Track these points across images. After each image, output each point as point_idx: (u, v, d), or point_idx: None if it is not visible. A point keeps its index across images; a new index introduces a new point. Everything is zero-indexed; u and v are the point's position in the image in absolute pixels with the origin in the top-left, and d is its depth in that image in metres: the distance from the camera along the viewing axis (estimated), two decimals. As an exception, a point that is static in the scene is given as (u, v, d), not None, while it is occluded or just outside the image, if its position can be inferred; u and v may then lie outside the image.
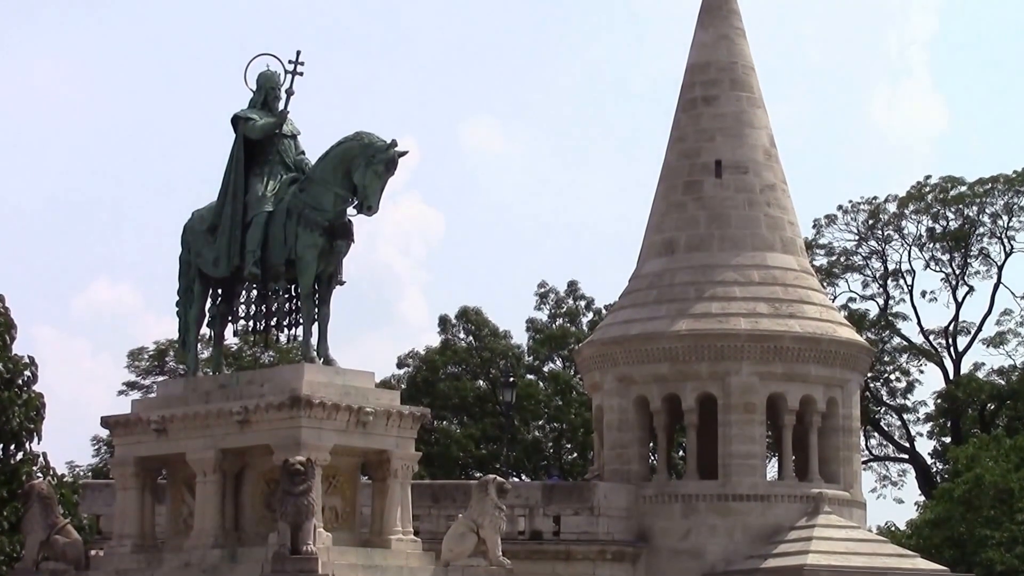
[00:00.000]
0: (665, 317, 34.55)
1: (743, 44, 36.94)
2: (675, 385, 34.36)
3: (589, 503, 33.53)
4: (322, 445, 18.48)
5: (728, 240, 35.18)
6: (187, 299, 20.44)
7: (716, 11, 36.98)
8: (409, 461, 19.58)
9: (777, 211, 35.81)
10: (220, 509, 19.13)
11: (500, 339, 53.91)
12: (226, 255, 19.83)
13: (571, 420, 52.13)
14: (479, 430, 52.31)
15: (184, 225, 20.51)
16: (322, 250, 19.27)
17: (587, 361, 36.42)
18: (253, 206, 19.77)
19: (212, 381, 19.96)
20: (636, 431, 35.08)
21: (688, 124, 36.40)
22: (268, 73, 20.26)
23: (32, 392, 24.01)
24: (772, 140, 36.61)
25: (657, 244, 35.92)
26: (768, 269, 35.06)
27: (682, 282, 34.93)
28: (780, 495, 33.86)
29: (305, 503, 17.62)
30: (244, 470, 19.34)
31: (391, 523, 19.42)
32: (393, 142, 19.19)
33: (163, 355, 51.58)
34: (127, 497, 20.08)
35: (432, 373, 52.83)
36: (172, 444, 19.48)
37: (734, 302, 34.44)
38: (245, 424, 18.79)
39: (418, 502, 23.32)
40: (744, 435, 33.76)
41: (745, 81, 36.59)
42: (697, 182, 35.74)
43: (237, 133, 20.12)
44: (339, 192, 19.29)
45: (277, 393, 18.64)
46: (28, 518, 18.88)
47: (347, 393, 18.90)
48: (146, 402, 21.32)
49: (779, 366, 34.02)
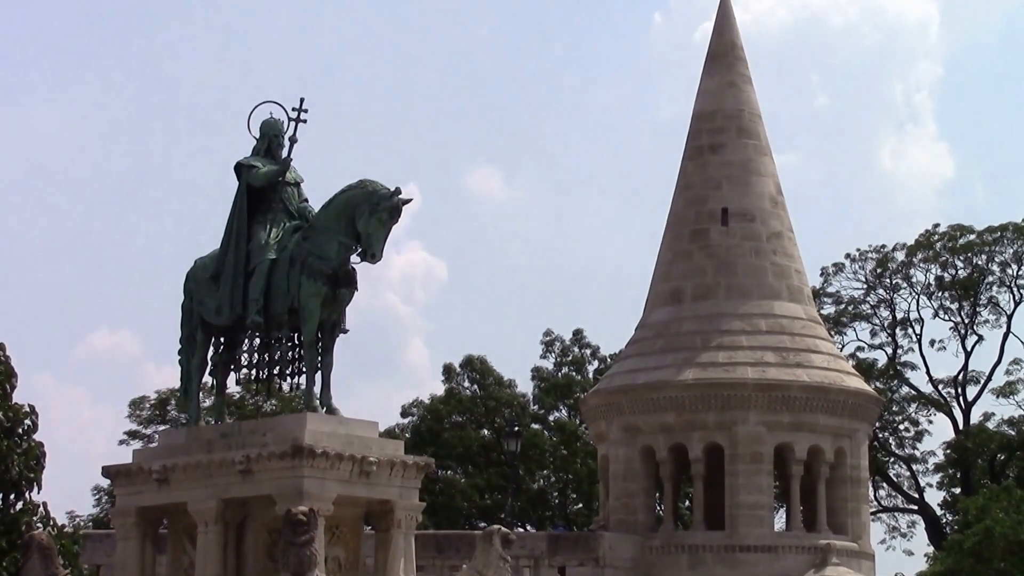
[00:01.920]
0: (672, 366, 34.54)
1: (749, 91, 37.08)
2: (682, 435, 34.32)
3: (595, 554, 33.45)
4: (325, 495, 18.44)
5: (735, 289, 35.20)
6: (189, 347, 20.44)
7: (722, 59, 37.14)
8: (413, 511, 19.54)
9: (784, 259, 35.84)
10: (222, 560, 19.08)
11: (505, 388, 53.88)
12: (228, 303, 19.84)
13: (577, 470, 52.03)
14: (484, 480, 52.20)
15: (187, 273, 20.54)
16: (325, 298, 19.27)
17: (593, 410, 36.39)
18: (256, 254, 19.80)
19: (214, 430, 19.94)
20: (642, 481, 35.01)
21: (694, 172, 36.49)
22: (272, 120, 20.32)
23: (32, 441, 23.97)
24: (779, 188, 36.68)
25: (663, 293, 35.95)
26: (775, 318, 35.07)
27: (689, 331, 34.93)
28: (788, 546, 33.77)
29: (308, 554, 17.56)
30: (246, 520, 19.30)
31: (395, 574, 19.37)
32: (397, 190, 19.23)
33: (164, 404, 51.54)
34: (128, 547, 20.03)
35: (436, 422, 52.77)
36: (173, 494, 19.45)
37: (741, 351, 34.43)
38: (247, 474, 18.76)
39: (422, 553, 23.28)
40: (751, 485, 33.69)
41: (752, 129, 36.71)
42: (704, 230, 35.80)
43: (240, 181, 20.17)
44: (343, 240, 19.31)
45: (279, 442, 18.62)
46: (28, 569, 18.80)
47: (350, 443, 18.88)
48: (147, 451, 21.30)
49: (787, 415, 33.99)
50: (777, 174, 37.01)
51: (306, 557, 17.56)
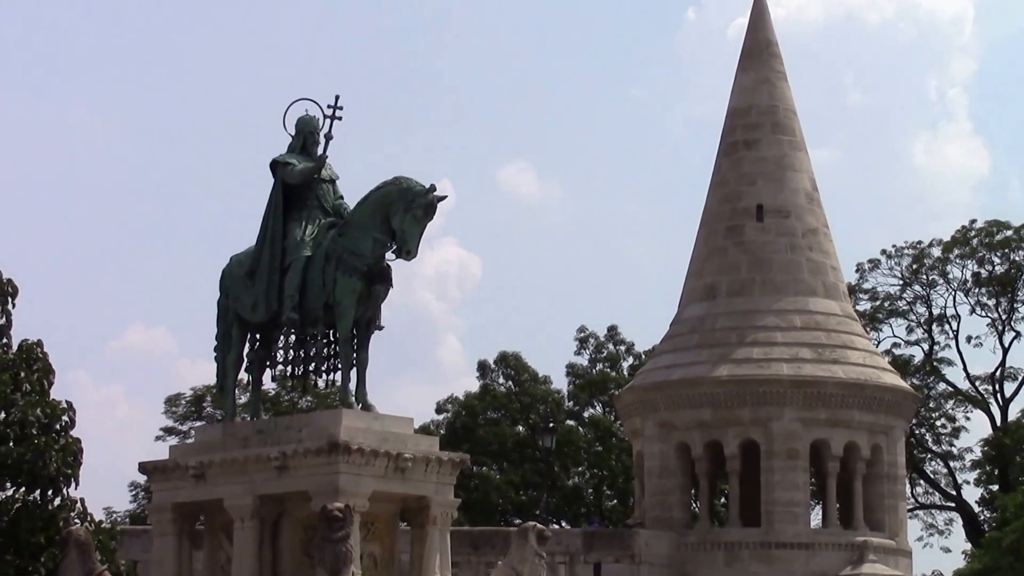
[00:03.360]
0: (707, 362, 34.49)
1: (784, 88, 36.99)
2: (717, 431, 34.28)
3: (630, 550, 33.43)
4: (360, 491, 18.46)
5: (770, 285, 35.14)
6: (225, 344, 20.48)
7: (757, 55, 37.08)
8: (448, 508, 19.55)
9: (819, 256, 35.75)
10: (258, 556, 19.13)
11: (540, 384, 53.87)
12: (264, 300, 19.88)
13: (611, 466, 51.99)
14: (519, 476, 52.21)
15: (223, 270, 20.58)
16: (361, 295, 19.28)
17: (628, 407, 36.38)
18: (291, 251, 19.83)
19: (250, 426, 19.99)
20: (678, 478, 34.98)
21: (729, 168, 36.43)
22: (307, 118, 20.35)
23: (69, 437, 24.08)
24: (814, 184, 36.60)
25: (698, 289, 35.90)
26: (810, 314, 34.99)
27: (723, 327, 34.89)
28: (824, 543, 33.70)
29: (343, 550, 17.59)
30: (282, 516, 19.35)
31: (430, 570, 19.38)
32: (432, 187, 19.24)
33: (200, 400, 51.74)
34: (164, 543, 20.11)
35: (471, 419, 52.80)
36: (210, 490, 19.51)
37: (776, 347, 34.37)
38: (283, 470, 18.79)
39: (457, 549, 23.29)
40: (787, 482, 33.63)
41: (787, 125, 36.64)
42: (738, 226, 35.74)
43: (276, 178, 20.21)
44: (378, 237, 19.32)
45: (315, 439, 18.65)
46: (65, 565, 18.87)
47: (386, 439, 18.89)
48: (184, 448, 21.36)
49: (822, 412, 33.91)
50: (812, 170, 36.92)
51: (342, 553, 17.59)
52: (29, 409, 23.62)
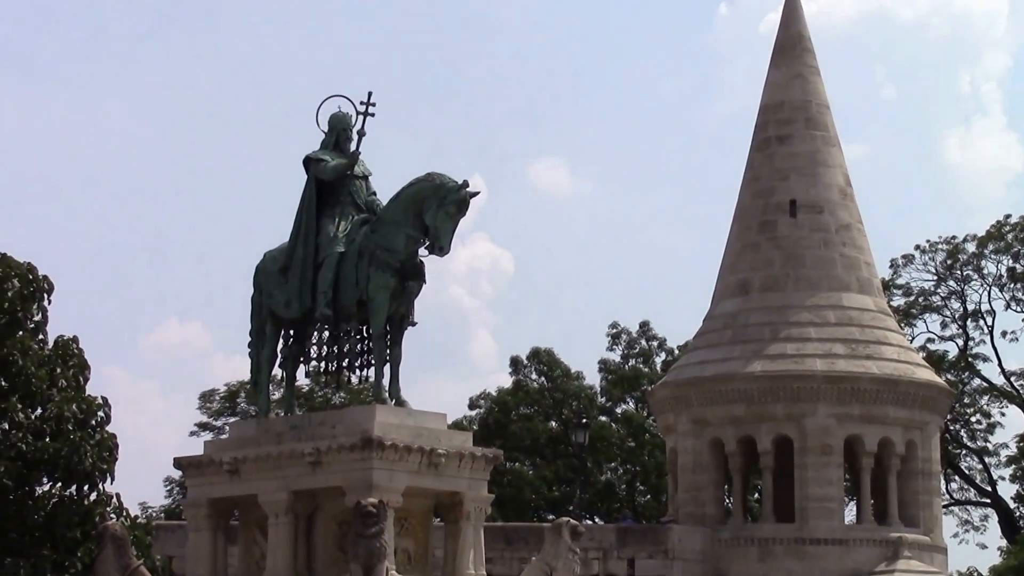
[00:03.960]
0: (740, 358, 34.46)
1: (817, 83, 36.90)
2: (750, 427, 34.24)
3: (664, 546, 33.42)
4: (394, 487, 18.49)
5: (803, 280, 35.07)
6: (259, 340, 20.53)
7: (790, 50, 37.00)
8: (482, 503, 19.56)
9: (853, 251, 35.67)
10: (292, 551, 19.18)
11: (572, 380, 53.87)
12: (297, 296, 19.92)
13: (644, 462, 51.96)
14: (551, 472, 52.22)
15: (256, 266, 20.63)
16: (394, 291, 19.30)
17: (661, 402, 36.36)
18: (324, 247, 19.86)
19: (284, 422, 20.04)
20: (711, 473, 34.96)
21: (762, 163, 36.37)
22: (340, 114, 20.37)
23: (105, 433, 24.20)
24: (847, 179, 36.51)
25: (731, 284, 35.86)
26: (844, 310, 34.91)
27: (757, 323, 34.84)
28: (859, 539, 33.64)
29: (377, 545, 17.62)
30: (316, 512, 19.40)
31: (464, 566, 19.40)
32: (465, 183, 19.23)
33: (234, 396, 51.92)
34: (200, 538, 20.18)
35: (504, 414, 52.83)
36: (244, 485, 19.56)
37: (810, 343, 34.30)
38: (317, 465, 18.84)
39: (491, 544, 23.30)
40: (821, 478, 33.56)
41: (819, 120, 36.55)
42: (771, 222, 35.69)
43: (309, 174, 20.24)
44: (411, 233, 19.33)
45: (349, 434, 18.69)
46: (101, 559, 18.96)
47: (419, 434, 18.92)
48: (218, 443, 21.42)
49: (856, 408, 33.84)
50: (846, 165, 36.84)
51: (376, 549, 17.63)
52: (65, 405, 23.75)
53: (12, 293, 23.68)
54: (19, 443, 23.23)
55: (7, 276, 23.74)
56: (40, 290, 24.21)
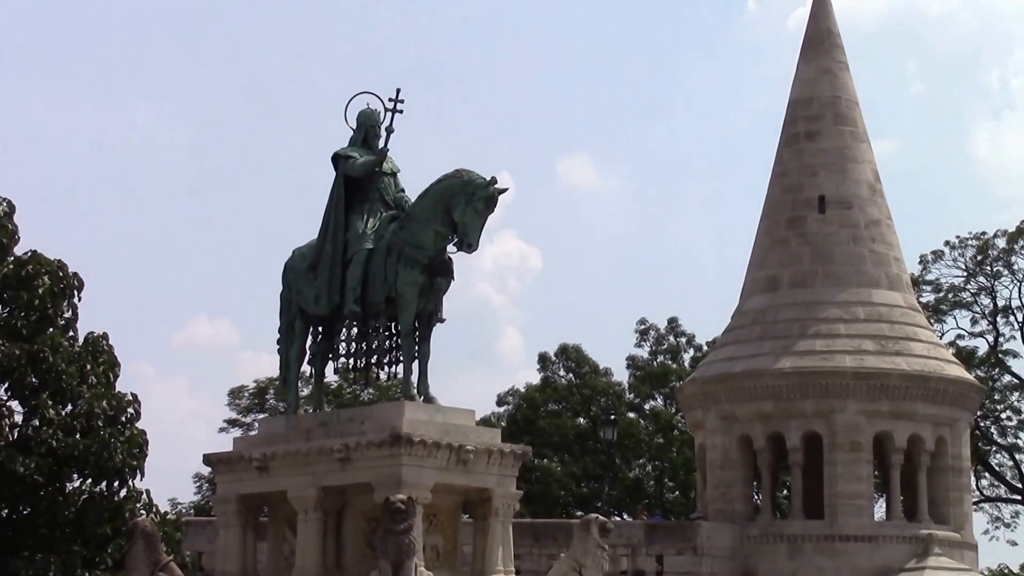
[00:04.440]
0: (769, 354, 34.37)
1: (846, 78, 36.78)
2: (779, 423, 34.16)
3: (692, 543, 33.36)
4: (423, 483, 18.52)
5: (832, 276, 34.97)
6: (288, 337, 20.58)
7: (819, 45, 36.88)
8: (510, 500, 19.58)
9: (882, 247, 35.55)
10: (321, 547, 19.22)
11: (600, 376, 53.84)
12: (326, 293, 19.96)
13: (673, 458, 51.90)
14: (580, 468, 52.20)
15: (285, 263, 20.68)
16: (422, 287, 19.32)
17: (689, 399, 36.30)
18: (353, 244, 19.89)
19: (313, 419, 20.09)
20: (740, 470, 34.89)
21: (791, 159, 36.27)
22: (368, 111, 20.40)
23: (135, 429, 24.29)
24: (877, 175, 36.39)
25: (760, 280, 35.78)
26: (874, 306, 34.80)
27: (786, 319, 34.75)
28: (888, 536, 33.52)
29: (406, 541, 17.65)
30: (345, 508, 19.44)
31: (493, 562, 19.42)
32: (493, 179, 19.24)
33: (263, 393, 52.04)
34: (229, 534, 20.24)
35: (532, 411, 52.83)
36: (273, 482, 19.62)
37: (839, 339, 34.20)
38: (346, 462, 18.88)
39: (519, 541, 23.31)
40: (850, 474, 33.46)
41: (849, 115, 36.43)
42: (800, 218, 35.59)
43: (337, 171, 20.28)
44: (439, 229, 19.34)
45: (378, 431, 18.72)
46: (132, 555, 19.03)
47: (448, 431, 18.94)
48: (248, 439, 21.49)
49: (886, 404, 33.72)
50: (875, 161, 36.70)
51: (405, 545, 17.65)
52: (95, 401, 23.84)
53: (43, 290, 23.78)
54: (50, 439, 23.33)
55: (38, 273, 23.85)
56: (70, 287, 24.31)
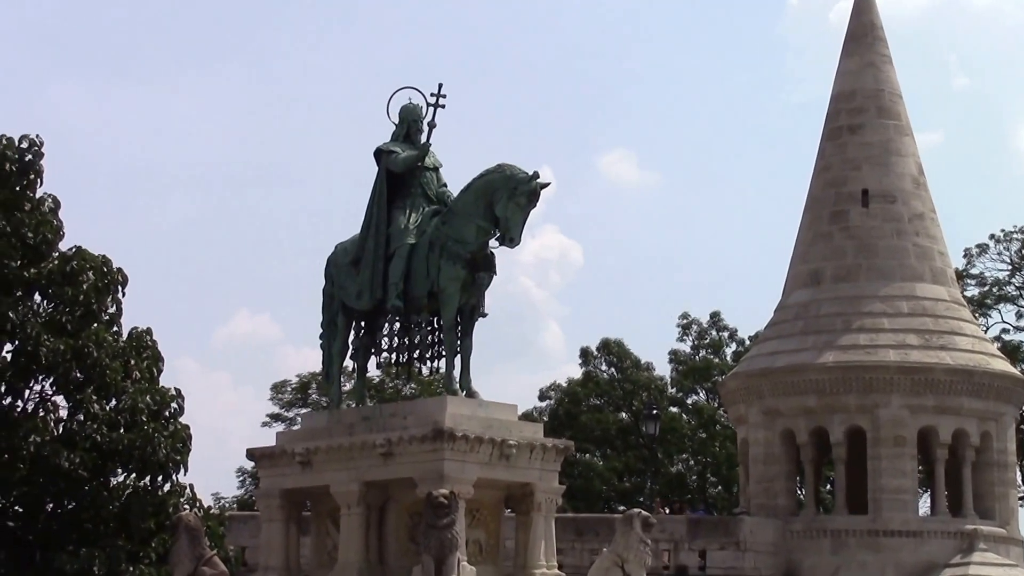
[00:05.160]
0: (812, 349, 34.25)
1: (890, 71, 36.59)
2: (823, 418, 34.03)
3: (735, 538, 33.30)
4: (465, 478, 18.49)
5: (876, 271, 34.82)
6: (331, 332, 20.59)
7: (861, 39, 36.71)
8: (553, 494, 19.54)
9: (926, 241, 35.37)
10: (364, 542, 19.23)
11: (642, 371, 53.74)
12: (369, 288, 19.95)
13: (715, 453, 51.78)
14: (622, 463, 52.13)
15: (328, 258, 20.69)
16: (465, 282, 19.29)
17: (732, 393, 36.21)
18: (395, 239, 19.88)
19: (355, 413, 20.09)
20: (783, 465, 34.77)
21: (834, 153, 36.13)
22: (410, 106, 20.38)
23: (178, 424, 24.39)
24: (920, 168, 36.20)
25: (803, 275, 35.64)
26: (918, 300, 34.63)
27: (829, 313, 34.61)
28: (933, 531, 33.36)
29: (449, 536, 17.63)
30: (388, 503, 19.43)
31: (535, 557, 19.39)
32: (535, 174, 19.19)
33: (306, 387, 52.18)
34: (272, 529, 20.27)
35: (574, 405, 52.79)
36: (316, 476, 19.63)
37: (883, 333, 34.04)
38: (388, 456, 18.87)
39: (561, 536, 23.28)
40: (895, 469, 33.32)
41: (892, 109, 36.25)
42: (843, 212, 35.45)
43: (380, 166, 20.27)
44: (481, 224, 19.31)
45: (420, 425, 18.70)
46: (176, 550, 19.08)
47: (490, 425, 18.91)
48: (291, 434, 21.51)
49: (930, 399, 33.56)
50: (919, 154, 36.51)
51: (447, 540, 17.63)
52: (139, 396, 23.95)
53: (87, 286, 23.90)
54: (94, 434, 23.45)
55: (82, 269, 23.97)
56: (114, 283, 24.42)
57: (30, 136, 24.45)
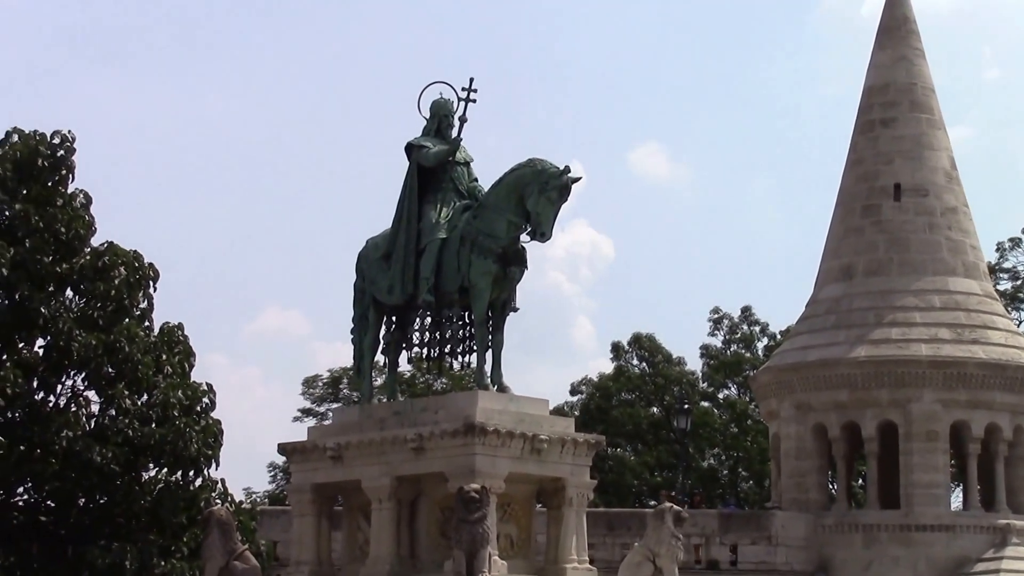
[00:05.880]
0: (844, 343, 34.15)
1: (922, 65, 36.44)
2: (854, 412, 33.94)
3: (767, 532, 33.23)
4: (497, 472, 18.46)
5: (908, 265, 34.69)
6: (362, 326, 20.57)
7: (894, 32, 36.56)
8: (584, 489, 19.49)
9: (959, 234, 35.22)
10: (395, 536, 19.22)
11: (674, 365, 53.64)
12: (400, 283, 19.93)
13: (747, 448, 51.65)
14: (653, 457, 52.05)
15: (359, 253, 20.67)
16: (496, 277, 19.25)
17: (764, 388, 36.12)
18: (427, 233, 19.86)
19: (387, 408, 20.08)
20: (815, 459, 34.69)
21: (866, 147, 36.00)
22: (441, 101, 20.33)
23: (210, 419, 24.42)
24: (953, 162, 36.05)
25: (835, 269, 35.54)
26: (950, 294, 34.49)
27: (861, 307, 34.51)
28: (965, 526, 33.26)
29: (480, 531, 17.61)
30: (419, 497, 19.42)
31: (566, 551, 19.35)
32: (567, 168, 19.14)
33: (337, 382, 52.22)
34: (304, 523, 20.27)
35: (605, 400, 52.72)
36: (348, 471, 19.62)
37: (915, 328, 33.93)
38: (420, 451, 18.85)
39: (593, 530, 23.23)
40: (927, 464, 33.22)
41: (925, 103, 36.10)
42: (875, 206, 35.33)
43: (411, 161, 20.24)
44: (512, 219, 19.27)
45: (451, 420, 18.68)
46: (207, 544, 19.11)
47: (521, 420, 18.87)
48: (322, 429, 21.52)
49: (963, 393, 33.44)
50: (951, 148, 36.35)
51: (479, 534, 17.61)
52: (170, 391, 24.00)
53: (119, 281, 23.94)
54: (126, 429, 23.51)
55: (114, 264, 24.02)
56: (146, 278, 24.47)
57: (62, 131, 24.52)
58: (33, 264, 23.55)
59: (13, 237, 23.68)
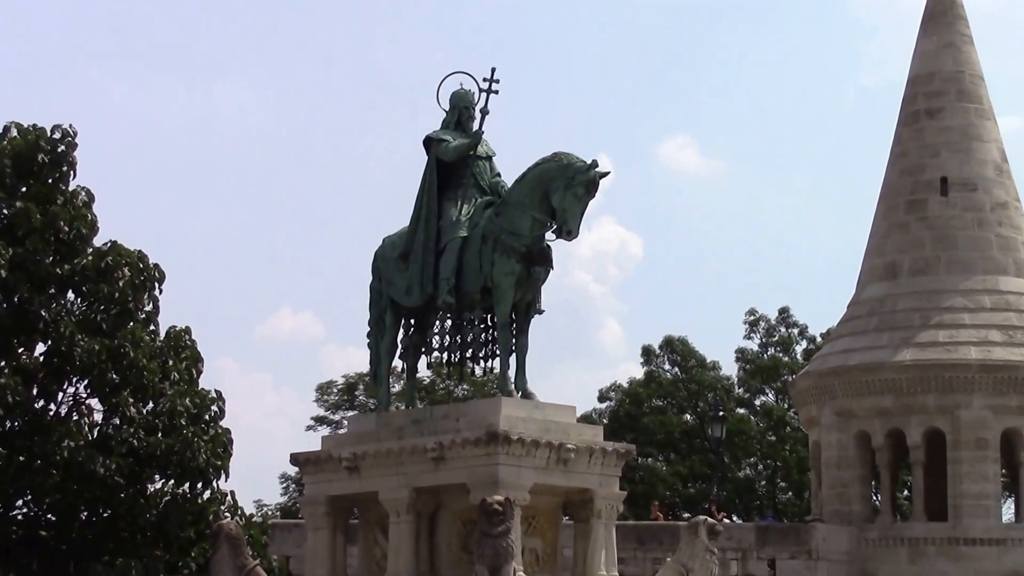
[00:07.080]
0: (888, 346, 34.08)
1: (970, 52, 36.33)
2: (899, 419, 33.87)
3: (807, 546, 33.16)
4: (521, 483, 18.44)
5: (956, 263, 34.60)
6: (378, 330, 20.56)
7: (940, 18, 36.45)
8: (613, 500, 19.47)
9: (1010, 231, 35.13)
10: (414, 551, 19.21)
11: (708, 370, 53.62)
12: (419, 283, 19.91)
13: (785, 457, 51.62)
14: (686, 467, 52.03)
15: (375, 252, 20.66)
16: (519, 277, 19.22)
17: (803, 394, 36.06)
18: (447, 231, 19.83)
19: (405, 416, 20.06)
20: (857, 469, 34.62)
21: (911, 139, 35.91)
22: (462, 92, 20.30)
23: (219, 428, 24.46)
24: (1003, 155, 35.95)
25: (878, 268, 35.46)
26: (1000, 294, 34.40)
27: (905, 308, 34.43)
28: (1017, 539, 33.21)
29: (504, 545, 17.60)
30: (439, 510, 19.41)
31: (595, 566, 19.33)
32: (594, 163, 19.09)
33: (352, 389, 52.29)
34: (318, 538, 20.28)
35: (636, 407, 52.73)
36: (364, 482, 19.62)
37: (963, 330, 33.83)
38: (440, 461, 18.84)
39: (623, 544, 23.22)
40: (976, 473, 33.12)
41: (973, 92, 36.00)
42: (921, 201, 35.24)
43: (429, 155, 20.22)
44: (537, 216, 19.23)
45: (473, 428, 18.65)
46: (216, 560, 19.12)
47: (547, 428, 18.85)
48: (336, 438, 21.50)
49: (1014, 399, 33.36)
50: (1001, 140, 36.27)
51: (502, 548, 17.59)
52: (178, 399, 24.03)
53: (123, 282, 23.98)
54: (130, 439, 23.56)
55: (117, 264, 24.06)
56: (151, 279, 24.51)
57: (63, 126, 24.58)
58: (33, 265, 23.62)
59: (12, 237, 23.75)
